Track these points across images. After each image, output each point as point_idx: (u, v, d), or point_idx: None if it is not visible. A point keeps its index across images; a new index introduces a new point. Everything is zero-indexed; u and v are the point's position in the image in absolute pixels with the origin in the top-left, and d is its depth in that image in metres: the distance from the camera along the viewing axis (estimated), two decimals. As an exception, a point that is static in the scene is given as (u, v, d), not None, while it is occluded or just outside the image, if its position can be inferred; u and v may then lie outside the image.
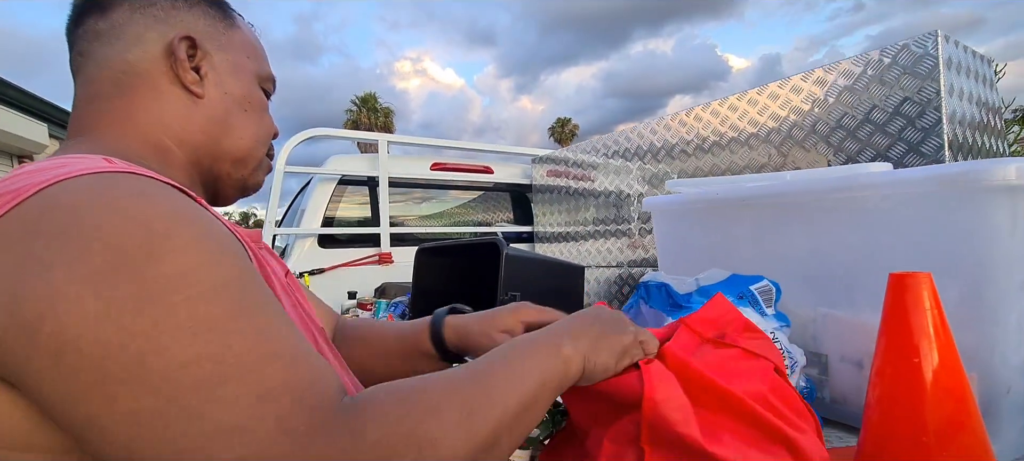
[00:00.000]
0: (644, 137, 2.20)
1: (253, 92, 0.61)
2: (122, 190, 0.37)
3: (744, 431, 0.55)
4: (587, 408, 0.62)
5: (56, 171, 0.37)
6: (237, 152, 0.60)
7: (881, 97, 1.34)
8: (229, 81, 0.58)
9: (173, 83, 0.54)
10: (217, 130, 0.57)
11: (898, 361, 0.68)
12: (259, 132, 0.62)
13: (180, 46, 0.54)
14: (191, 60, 0.55)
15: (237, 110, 0.59)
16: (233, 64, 0.59)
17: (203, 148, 0.57)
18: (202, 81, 0.56)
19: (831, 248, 0.91)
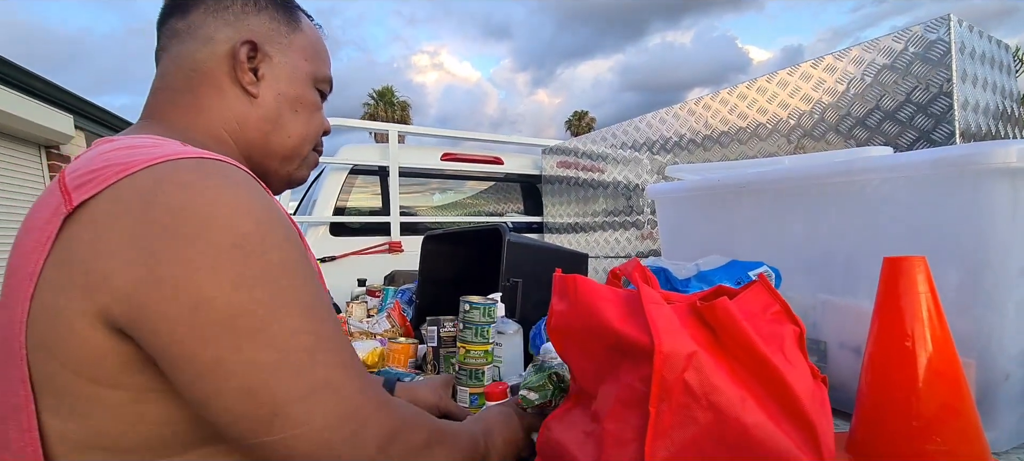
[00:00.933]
0: (654, 128, 2.19)
1: (306, 93, 0.65)
2: (226, 180, 0.45)
3: (771, 405, 0.54)
4: (590, 366, 0.62)
5: (154, 150, 0.45)
6: (284, 149, 0.64)
7: (891, 84, 1.31)
8: (284, 83, 0.63)
9: (233, 83, 0.60)
10: (268, 127, 0.62)
11: (890, 345, 0.67)
12: (307, 131, 0.66)
13: (241, 50, 0.59)
14: (251, 61, 0.60)
15: (288, 110, 0.63)
16: (291, 67, 0.63)
17: (255, 144, 0.62)
18: (259, 82, 0.61)
19: (830, 233, 0.90)
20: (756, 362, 0.55)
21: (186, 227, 0.41)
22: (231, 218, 0.42)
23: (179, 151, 0.45)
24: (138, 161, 0.43)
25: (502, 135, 3.06)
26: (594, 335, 0.61)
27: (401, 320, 1.51)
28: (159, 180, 0.42)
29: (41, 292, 0.42)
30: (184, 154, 0.45)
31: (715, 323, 0.57)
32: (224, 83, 0.59)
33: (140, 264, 0.40)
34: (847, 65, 1.41)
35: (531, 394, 0.86)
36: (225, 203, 0.43)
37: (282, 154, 0.65)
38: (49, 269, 0.42)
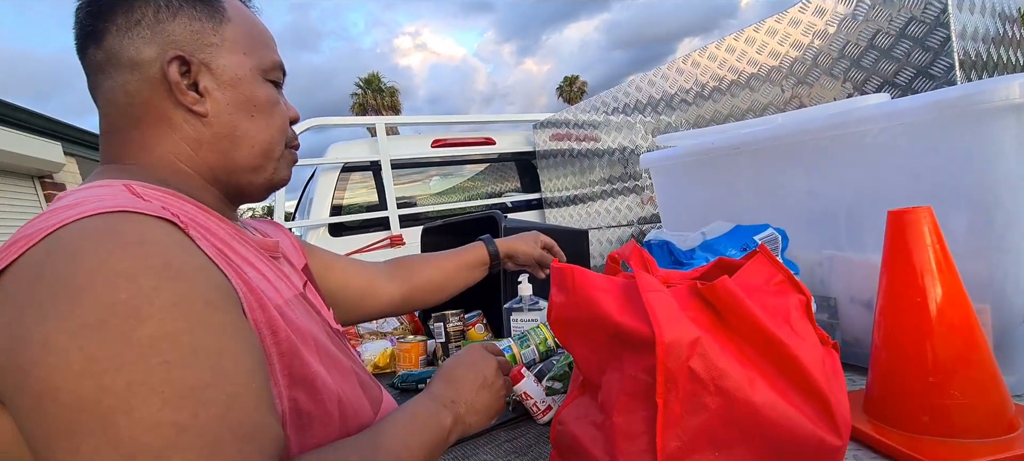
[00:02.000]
0: (644, 90, 2.14)
1: (257, 91, 0.58)
2: (119, 239, 0.39)
3: (781, 382, 0.53)
4: (594, 357, 0.61)
5: (66, 212, 0.40)
6: (251, 161, 0.59)
7: (885, 20, 1.27)
8: (230, 91, 0.56)
9: (177, 107, 0.54)
10: (227, 145, 0.57)
11: (901, 300, 0.65)
12: (270, 133, 0.60)
13: (171, 69, 0.53)
14: (186, 77, 0.54)
15: (243, 118, 0.57)
16: (232, 68, 0.56)
17: (219, 166, 0.57)
18: (203, 99, 0.55)
19: (832, 188, 0.87)
20: (763, 339, 0.54)
21: (58, 302, 0.35)
22: (106, 286, 0.36)
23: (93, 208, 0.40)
24: (43, 229, 0.39)
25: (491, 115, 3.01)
26: (595, 326, 0.60)
27: (410, 317, 1.50)
28: (51, 251, 0.38)
29: None
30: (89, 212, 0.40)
31: (718, 303, 0.55)
32: (168, 110, 0.54)
33: (7, 348, 0.35)
34: (837, 5, 1.36)
35: (557, 384, 0.86)
36: (107, 269, 0.37)
37: (250, 166, 0.59)
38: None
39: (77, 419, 0.34)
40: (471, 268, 1.00)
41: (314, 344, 0.54)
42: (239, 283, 0.46)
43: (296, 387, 0.48)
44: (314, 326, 0.57)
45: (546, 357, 1.00)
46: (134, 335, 0.35)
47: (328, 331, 0.61)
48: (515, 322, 1.12)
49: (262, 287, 0.50)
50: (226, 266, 0.46)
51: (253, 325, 0.45)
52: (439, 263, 0.98)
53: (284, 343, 0.48)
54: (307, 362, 0.50)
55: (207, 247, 0.45)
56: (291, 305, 0.54)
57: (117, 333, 0.35)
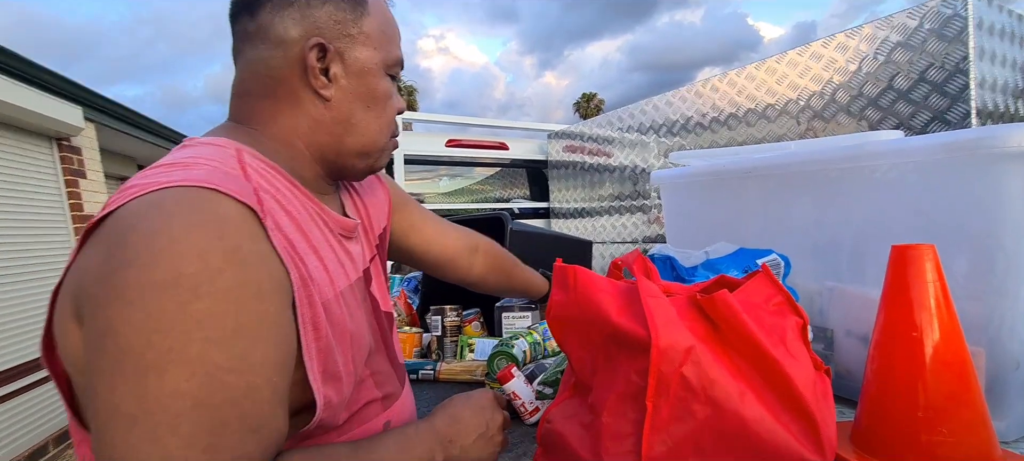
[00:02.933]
0: (661, 110, 2.15)
1: (378, 85, 0.62)
2: (204, 216, 0.42)
3: (771, 398, 0.53)
4: (588, 358, 0.62)
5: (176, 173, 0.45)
6: (360, 147, 0.62)
7: (905, 62, 1.27)
8: (355, 81, 0.60)
9: (307, 88, 0.58)
10: (341, 130, 0.60)
11: (897, 335, 0.66)
12: (380, 125, 0.63)
13: (311, 55, 0.56)
14: (321, 62, 0.57)
15: (361, 108, 0.61)
16: (362, 60, 0.60)
17: (329, 146, 0.61)
18: (330, 84, 0.58)
19: (839, 219, 0.88)
20: (757, 355, 0.54)
21: (141, 255, 0.39)
22: (178, 256, 0.40)
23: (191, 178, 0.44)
24: (152, 184, 0.43)
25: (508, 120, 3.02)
26: (592, 327, 0.60)
27: (407, 309, 1.51)
28: (149, 208, 0.42)
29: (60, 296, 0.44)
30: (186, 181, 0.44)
31: (715, 316, 0.56)
32: (299, 89, 0.58)
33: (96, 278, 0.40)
34: (859, 43, 1.37)
35: (548, 389, 0.86)
36: (188, 240, 0.40)
37: (357, 151, 0.63)
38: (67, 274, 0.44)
39: (122, 361, 0.38)
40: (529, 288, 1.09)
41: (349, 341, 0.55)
42: (296, 277, 0.48)
43: (328, 384, 0.51)
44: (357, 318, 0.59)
45: (536, 358, 1.01)
46: (190, 307, 0.39)
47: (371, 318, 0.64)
48: (507, 320, 1.12)
49: (319, 279, 0.53)
50: (288, 258, 0.48)
51: (300, 318, 0.48)
52: (524, 275, 1.07)
53: (323, 340, 0.50)
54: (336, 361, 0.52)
55: (276, 239, 0.48)
56: (343, 297, 0.56)
57: (177, 301, 0.39)
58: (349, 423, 0.56)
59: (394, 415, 0.64)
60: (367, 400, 0.60)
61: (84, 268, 0.42)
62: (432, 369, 1.09)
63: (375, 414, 0.61)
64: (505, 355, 0.97)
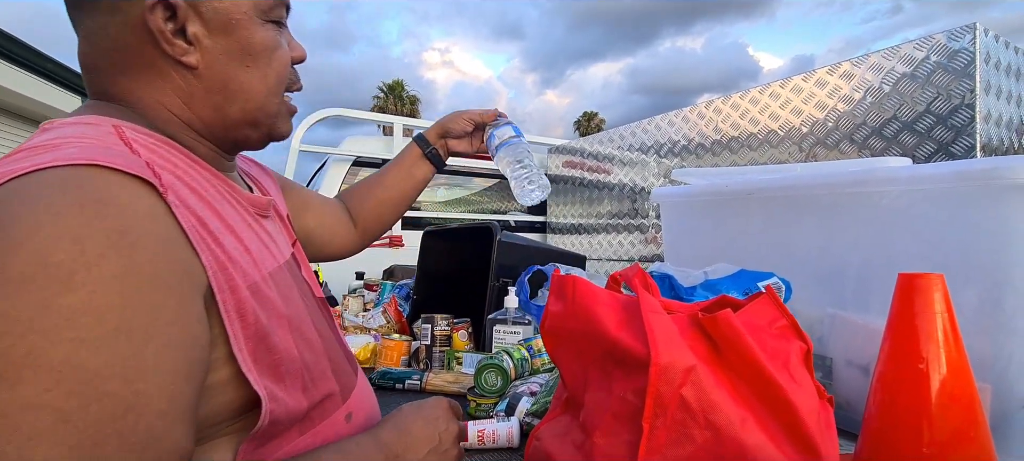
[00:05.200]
0: (663, 130, 2.15)
1: (255, 35, 0.52)
2: (79, 196, 0.35)
3: (773, 426, 0.51)
4: (582, 373, 0.59)
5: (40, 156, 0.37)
6: (247, 115, 0.53)
7: (910, 93, 1.27)
8: (222, 38, 0.50)
9: (164, 58, 0.48)
10: (219, 99, 0.51)
11: (902, 366, 0.63)
12: (267, 84, 0.54)
13: (154, 17, 0.46)
14: (173, 23, 0.47)
15: (238, 69, 0.51)
16: (224, 11, 0.49)
17: (212, 121, 0.52)
18: (193, 48, 0.49)
19: (843, 246, 0.86)
20: (759, 379, 0.52)
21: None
22: (46, 243, 0.33)
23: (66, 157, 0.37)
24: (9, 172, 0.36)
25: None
26: (589, 340, 0.58)
27: (397, 316, 1.48)
28: (7, 197, 0.35)
29: None
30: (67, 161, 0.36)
31: (717, 336, 0.54)
32: (155, 59, 0.48)
33: None
34: (865, 72, 1.37)
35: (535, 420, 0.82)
36: (56, 226, 0.33)
37: (246, 120, 0.54)
38: None
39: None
40: (409, 167, 0.93)
41: (288, 327, 0.49)
42: (210, 261, 0.42)
43: (266, 376, 0.44)
44: (293, 302, 0.52)
45: (521, 375, 0.98)
46: (56, 301, 0.32)
47: (309, 304, 0.56)
48: (498, 333, 1.10)
49: (241, 261, 0.46)
50: (199, 241, 0.41)
51: (221, 307, 0.41)
52: (380, 179, 0.93)
53: (252, 327, 0.43)
54: (275, 348, 0.46)
55: (183, 217, 0.41)
56: (271, 279, 0.49)
57: (39, 295, 0.32)
58: (310, 418, 0.50)
59: (354, 406, 0.57)
60: (325, 393, 0.52)
61: None
62: (419, 379, 1.06)
63: (335, 407, 0.54)
64: (494, 368, 0.94)
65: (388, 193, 0.92)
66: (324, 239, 0.84)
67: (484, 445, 0.76)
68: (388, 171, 0.93)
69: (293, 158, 2.39)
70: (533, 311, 1.15)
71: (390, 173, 0.93)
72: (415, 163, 0.93)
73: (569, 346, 0.61)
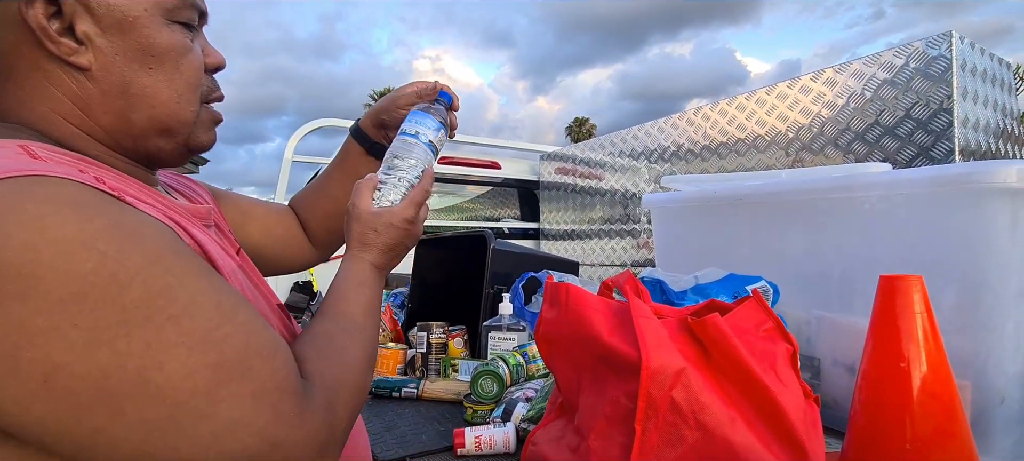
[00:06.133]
0: (652, 137, 2.18)
1: (156, 37, 0.47)
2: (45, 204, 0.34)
3: (760, 425, 0.53)
4: (576, 378, 0.61)
5: None
6: (155, 123, 0.48)
7: (891, 99, 1.30)
8: (118, 38, 0.45)
9: (50, 59, 0.44)
10: (120, 105, 0.46)
11: (885, 365, 0.66)
12: (175, 89, 0.49)
13: (34, 12, 0.42)
14: (58, 20, 0.43)
15: (140, 71, 0.46)
16: (119, 9, 0.45)
17: (116, 129, 0.47)
18: (84, 47, 0.44)
19: (828, 249, 0.89)
20: (747, 380, 0.54)
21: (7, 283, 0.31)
22: (63, 259, 0.32)
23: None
24: None
25: (501, 140, 3.03)
26: (582, 345, 0.59)
27: (392, 325, 1.49)
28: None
29: None
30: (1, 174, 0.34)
31: (706, 339, 0.55)
32: (40, 60, 0.43)
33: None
34: (847, 79, 1.40)
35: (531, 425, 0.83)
36: (49, 240, 0.32)
37: (156, 129, 0.49)
38: None
39: (105, 386, 0.34)
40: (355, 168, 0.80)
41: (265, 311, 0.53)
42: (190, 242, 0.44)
43: None
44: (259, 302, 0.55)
45: (517, 381, 0.99)
46: (123, 300, 0.34)
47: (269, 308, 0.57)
48: (493, 340, 1.11)
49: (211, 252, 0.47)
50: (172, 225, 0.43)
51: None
52: (325, 188, 0.83)
53: None
54: None
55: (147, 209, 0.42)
56: (234, 278, 0.50)
57: (105, 301, 0.33)
58: None
59: None
60: None
61: None
62: (415, 387, 1.07)
63: None
64: (490, 375, 0.95)
65: (336, 202, 0.80)
66: (274, 251, 0.78)
67: (481, 451, 0.77)
68: (331, 177, 0.82)
69: (286, 169, 2.40)
70: (527, 318, 1.17)
71: (333, 180, 0.82)
72: (359, 162, 0.80)
73: (563, 351, 0.62)
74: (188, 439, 0.36)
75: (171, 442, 0.36)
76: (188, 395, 0.36)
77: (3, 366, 0.32)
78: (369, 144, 0.80)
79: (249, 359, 0.39)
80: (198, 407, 0.36)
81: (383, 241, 0.61)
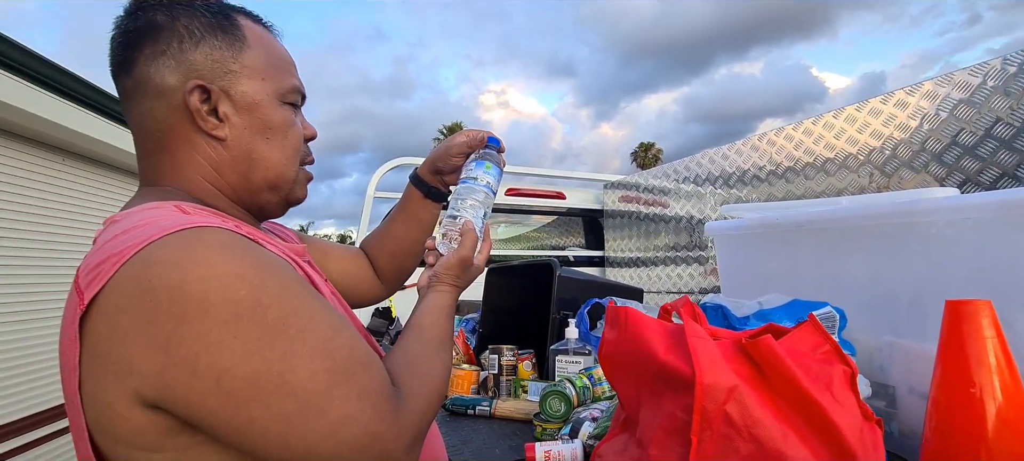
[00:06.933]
0: (717, 163, 2.17)
1: (273, 115, 0.62)
2: (209, 247, 0.46)
3: (815, 442, 0.55)
4: (636, 394, 0.66)
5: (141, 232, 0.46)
6: (267, 181, 0.63)
7: (970, 119, 1.26)
8: (247, 116, 0.60)
9: (199, 133, 0.58)
10: (244, 167, 0.61)
11: (955, 392, 0.65)
12: (284, 154, 0.63)
13: (192, 97, 0.56)
14: (207, 104, 0.58)
15: (259, 141, 0.61)
16: (250, 94, 0.60)
17: (239, 186, 0.61)
18: (223, 124, 0.59)
19: (895, 275, 0.88)
20: (801, 399, 0.57)
21: (187, 308, 0.43)
22: (225, 289, 0.44)
23: (168, 226, 0.46)
24: (129, 248, 0.45)
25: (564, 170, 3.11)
26: (641, 363, 0.65)
27: (465, 348, 1.58)
28: (148, 264, 0.44)
29: (85, 382, 0.46)
30: (169, 230, 0.46)
31: (760, 359, 0.59)
32: (191, 134, 0.58)
33: (157, 350, 0.43)
34: (920, 100, 1.36)
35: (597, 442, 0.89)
36: (215, 274, 0.44)
37: (267, 185, 0.63)
38: (84, 362, 0.46)
39: (258, 385, 0.44)
40: (415, 213, 0.91)
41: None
42: (302, 274, 0.56)
43: None
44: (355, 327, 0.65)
45: (584, 402, 1.04)
46: (266, 319, 0.45)
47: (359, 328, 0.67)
48: (560, 363, 1.17)
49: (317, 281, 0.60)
50: (289, 261, 0.55)
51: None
52: (389, 230, 0.94)
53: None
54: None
55: (271, 249, 0.54)
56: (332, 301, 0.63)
57: (254, 320, 0.44)
58: None
59: None
60: None
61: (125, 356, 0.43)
62: (488, 405, 1.15)
63: None
64: (558, 395, 1.01)
65: (399, 244, 0.93)
66: (348, 286, 0.89)
67: None
68: (395, 220, 0.93)
69: (369, 203, 2.61)
70: (593, 342, 1.22)
71: (397, 222, 0.93)
72: (418, 206, 0.91)
73: (624, 369, 0.68)
74: (313, 430, 0.45)
75: (301, 432, 0.45)
76: (312, 394, 0.45)
77: (186, 369, 0.43)
78: (426, 189, 0.90)
79: (353, 366, 0.49)
80: (319, 404, 0.46)
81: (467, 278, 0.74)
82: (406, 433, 0.51)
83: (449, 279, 0.73)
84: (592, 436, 0.89)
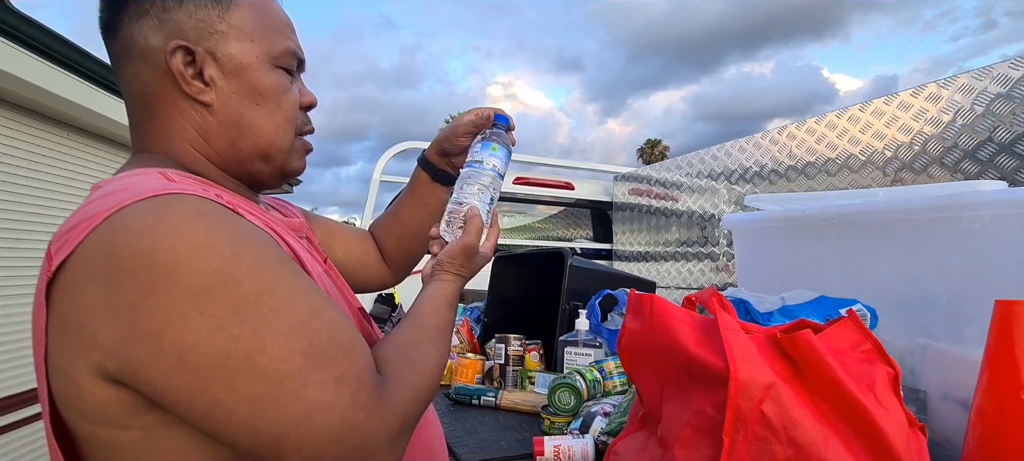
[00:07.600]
0: (733, 157, 2.11)
1: (263, 79, 0.58)
2: (182, 215, 0.42)
3: (859, 447, 0.51)
4: (660, 389, 0.61)
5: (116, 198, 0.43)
6: (258, 150, 0.59)
7: (1007, 114, 1.20)
8: (234, 80, 0.56)
9: (184, 97, 0.55)
10: (232, 134, 0.57)
11: (1004, 398, 0.61)
12: (276, 122, 0.59)
13: (174, 59, 0.53)
14: (192, 67, 0.54)
15: (249, 106, 0.57)
16: (237, 56, 0.56)
17: (227, 154, 0.58)
18: (209, 88, 0.55)
19: (930, 273, 0.83)
20: (843, 400, 0.52)
21: (154, 278, 0.40)
22: (194, 259, 0.40)
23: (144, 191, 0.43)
24: (101, 213, 0.42)
25: (575, 161, 3.07)
26: (666, 356, 0.60)
27: (469, 337, 1.54)
28: (117, 230, 0.41)
29: (50, 353, 0.44)
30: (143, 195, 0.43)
31: (797, 356, 0.54)
32: (177, 100, 0.55)
33: (120, 322, 0.40)
34: (954, 93, 1.30)
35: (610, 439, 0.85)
36: (186, 244, 0.41)
37: (258, 154, 0.59)
38: (50, 332, 0.43)
39: (225, 364, 0.41)
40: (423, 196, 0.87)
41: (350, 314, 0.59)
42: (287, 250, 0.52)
43: None
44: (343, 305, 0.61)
45: (594, 396, 1.00)
46: (237, 294, 0.42)
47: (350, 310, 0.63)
48: (569, 355, 1.12)
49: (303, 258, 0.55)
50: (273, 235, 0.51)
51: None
52: (397, 214, 0.90)
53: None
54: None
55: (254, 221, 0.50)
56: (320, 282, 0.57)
57: (224, 295, 0.41)
58: None
59: None
60: None
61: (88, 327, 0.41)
62: (494, 396, 1.10)
63: None
64: (568, 388, 0.97)
65: (407, 228, 0.89)
66: (353, 269, 0.86)
67: (560, 460, 0.79)
68: (403, 204, 0.90)
69: (374, 188, 2.56)
70: (604, 334, 1.17)
71: (405, 206, 0.89)
72: (426, 189, 0.87)
73: (646, 362, 0.63)
74: (284, 416, 0.42)
75: (271, 417, 0.41)
76: (284, 377, 0.42)
77: (150, 343, 0.40)
78: (434, 172, 0.86)
79: (333, 350, 0.45)
80: (293, 388, 0.42)
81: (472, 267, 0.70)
82: (389, 424, 0.46)
83: (452, 268, 0.69)
84: (605, 432, 0.84)
